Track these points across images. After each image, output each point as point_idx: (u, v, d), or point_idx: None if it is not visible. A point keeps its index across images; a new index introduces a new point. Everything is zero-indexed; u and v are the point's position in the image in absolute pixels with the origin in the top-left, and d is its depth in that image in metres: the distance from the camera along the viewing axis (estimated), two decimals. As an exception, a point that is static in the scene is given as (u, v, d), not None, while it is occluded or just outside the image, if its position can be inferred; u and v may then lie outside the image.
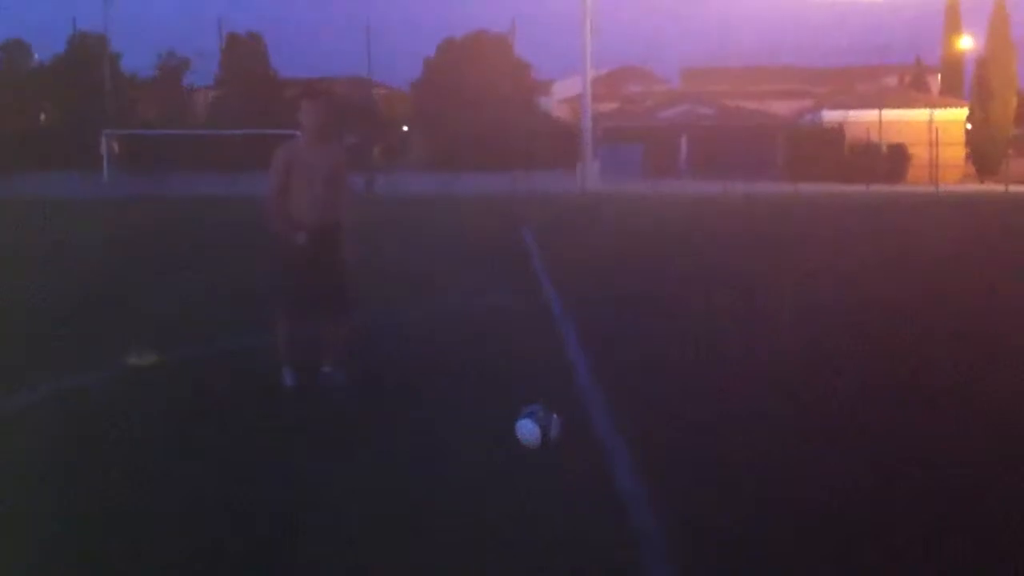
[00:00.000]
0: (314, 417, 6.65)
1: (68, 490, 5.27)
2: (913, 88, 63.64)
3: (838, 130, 51.75)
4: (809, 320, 10.54)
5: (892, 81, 69.41)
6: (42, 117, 64.55)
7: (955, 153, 52.40)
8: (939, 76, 63.69)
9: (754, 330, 10.03)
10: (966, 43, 59.69)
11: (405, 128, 69.97)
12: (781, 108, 64.08)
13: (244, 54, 65.73)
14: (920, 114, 52.59)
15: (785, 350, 8.91)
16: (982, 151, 53.73)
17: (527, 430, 5.90)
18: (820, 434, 6.29)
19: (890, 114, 51.83)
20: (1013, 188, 44.76)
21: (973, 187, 47.94)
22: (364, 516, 4.89)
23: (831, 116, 53.35)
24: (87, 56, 61.41)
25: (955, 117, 53.31)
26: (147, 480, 5.44)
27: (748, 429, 6.35)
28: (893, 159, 49.77)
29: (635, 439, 6.07)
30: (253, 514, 4.92)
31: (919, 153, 50.23)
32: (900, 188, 44.98)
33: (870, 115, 51.81)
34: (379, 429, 6.37)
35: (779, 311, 11.14)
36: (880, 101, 53.78)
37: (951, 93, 58.62)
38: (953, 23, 60.31)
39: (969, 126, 53.94)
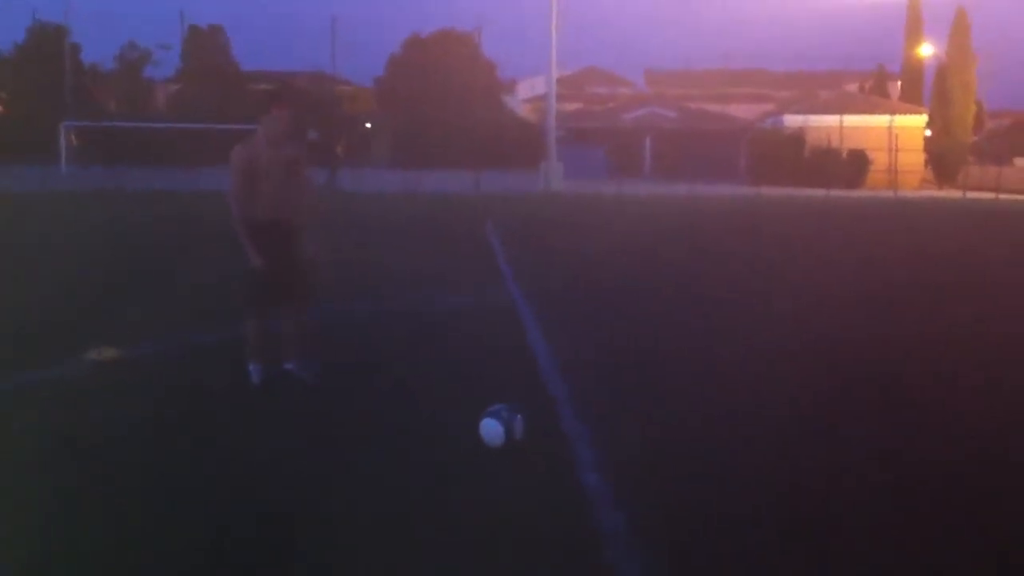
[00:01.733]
0: (274, 413, 6.59)
1: (26, 485, 5.19)
2: (874, 94, 64.20)
3: (799, 135, 52.11)
4: (766, 314, 10.63)
5: (853, 87, 70.00)
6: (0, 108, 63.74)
7: (914, 159, 52.91)
8: (899, 83, 64.32)
9: (714, 323, 10.10)
10: (927, 51, 60.32)
11: (368, 125, 69.72)
12: (743, 112, 64.53)
13: (206, 47, 65.30)
14: (880, 120, 53.05)
15: (743, 343, 8.97)
16: (941, 158, 54.34)
17: (491, 429, 5.87)
18: (782, 425, 6.32)
19: (851, 119, 52.24)
20: (971, 195, 45.30)
21: (931, 193, 48.43)
22: (328, 512, 4.84)
23: (792, 120, 53.71)
24: (47, 47, 60.72)
25: (915, 123, 53.83)
26: (104, 477, 5.36)
27: (711, 421, 6.38)
28: (853, 164, 50.17)
29: (599, 434, 6.06)
30: (219, 511, 4.86)
31: (879, 159, 50.69)
32: (859, 193, 45.36)
33: (831, 120, 52.19)
34: (342, 425, 6.32)
35: (737, 306, 11.23)
36: (841, 106, 54.20)
37: (911, 100, 59.18)
38: (914, 31, 60.91)
39: (928, 132, 54.52)
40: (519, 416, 5.93)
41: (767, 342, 9.35)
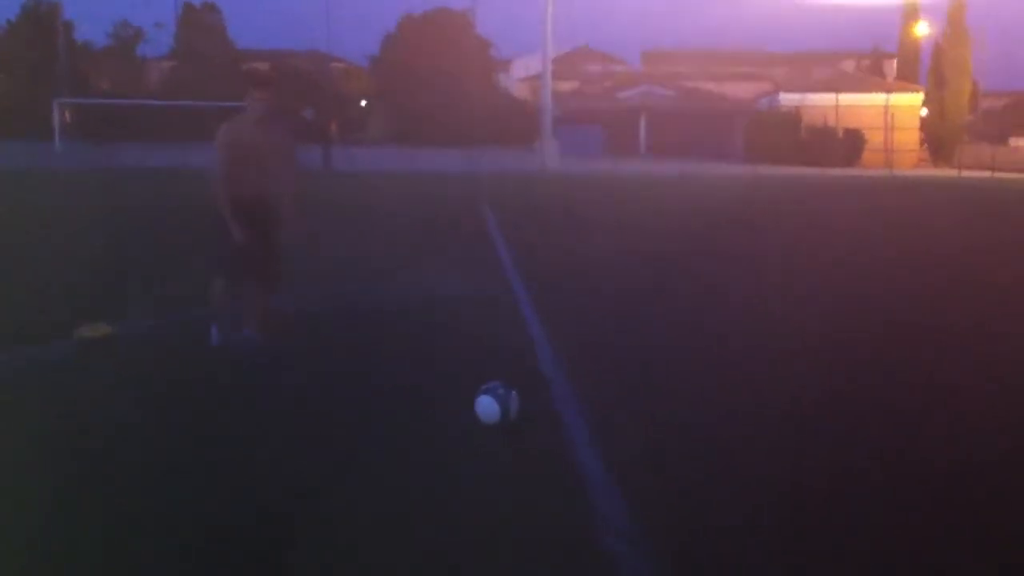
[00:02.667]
0: (265, 394, 6.57)
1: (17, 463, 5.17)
2: (870, 74, 64.10)
3: (795, 114, 52.06)
4: (768, 299, 10.60)
5: (849, 66, 69.88)
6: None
7: (910, 138, 52.94)
8: (895, 62, 64.23)
9: (716, 309, 10.07)
10: (923, 30, 60.19)
11: (363, 103, 69.51)
12: (739, 91, 64.41)
13: (200, 25, 65.03)
14: (876, 99, 53.02)
15: (742, 329, 8.94)
16: (937, 136, 54.32)
17: (486, 406, 5.85)
18: (778, 414, 6.30)
19: (846, 98, 52.19)
20: (966, 173, 45.30)
21: (927, 172, 48.41)
22: (323, 509, 4.82)
23: (788, 99, 53.63)
24: (40, 24, 60.43)
25: (911, 102, 53.80)
26: (99, 454, 5.33)
27: (709, 407, 6.36)
28: (849, 143, 50.15)
29: (595, 418, 6.04)
30: (211, 494, 4.84)
31: (875, 138, 50.68)
32: (854, 172, 45.32)
33: (827, 99, 52.13)
34: (337, 410, 6.29)
35: (736, 289, 11.21)
36: (836, 85, 54.11)
37: (907, 79, 59.13)
38: (911, 10, 60.80)
39: (924, 111, 54.48)
40: (514, 393, 5.91)
41: (773, 329, 9.30)
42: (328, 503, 4.68)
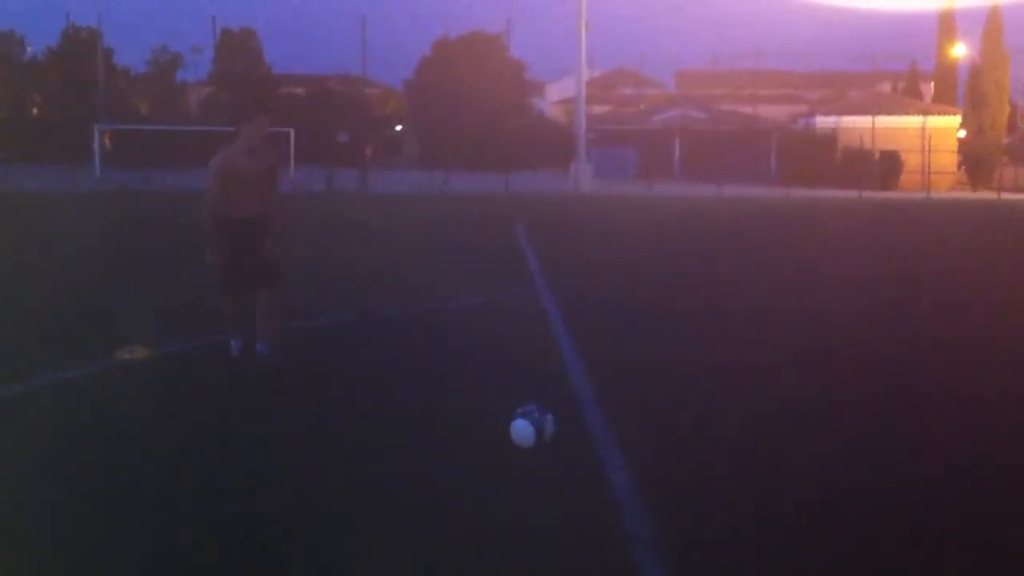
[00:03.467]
0: (303, 411, 6.60)
1: (53, 480, 5.21)
2: (907, 95, 63.69)
3: (831, 136, 51.78)
4: (804, 322, 10.52)
5: (886, 87, 69.51)
6: (34, 111, 64.39)
7: (948, 160, 52.49)
8: (932, 83, 63.79)
9: (750, 330, 10.01)
10: (960, 51, 59.78)
11: (399, 127, 69.92)
12: (774, 113, 64.14)
13: (237, 50, 65.69)
14: (913, 121, 52.61)
15: (780, 351, 8.88)
16: (975, 158, 53.82)
17: (522, 430, 5.84)
18: (818, 434, 6.24)
19: (883, 120, 51.83)
20: (1005, 196, 44.86)
21: (965, 195, 47.97)
22: (354, 512, 4.83)
23: (824, 122, 53.36)
24: (80, 49, 61.29)
25: (948, 124, 53.36)
26: (132, 473, 5.37)
27: (742, 430, 6.32)
28: (886, 166, 49.79)
29: (629, 439, 6.02)
30: (244, 512, 4.85)
31: (912, 160, 50.30)
32: (891, 195, 44.98)
33: (863, 121, 51.79)
34: (372, 425, 6.31)
35: (773, 312, 11.15)
36: (873, 107, 53.78)
37: (945, 100, 58.67)
38: (947, 31, 60.39)
39: (962, 133, 54.02)
40: (549, 416, 5.91)
41: (801, 344, 9.27)
42: (360, 516, 4.69)
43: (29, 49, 66.11)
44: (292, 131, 48.53)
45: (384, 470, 5.44)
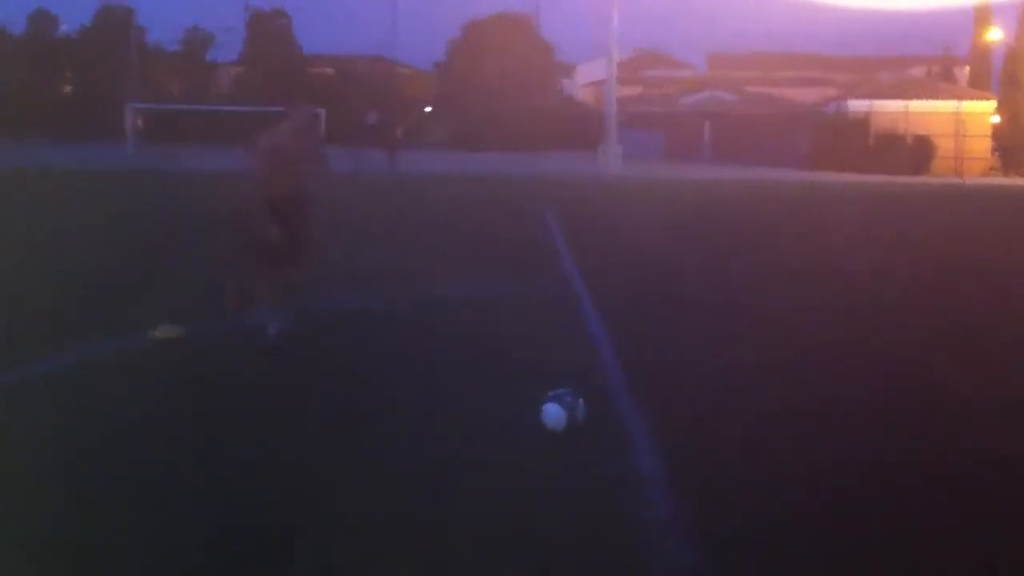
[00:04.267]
0: (329, 394, 6.67)
1: (79, 455, 5.31)
2: (941, 79, 62.99)
3: (863, 120, 51.32)
4: (832, 315, 10.49)
5: (919, 72, 68.76)
6: (67, 88, 64.81)
7: (982, 146, 51.93)
8: (967, 68, 63.10)
9: (780, 321, 10.00)
10: (995, 35, 59.06)
11: (428, 109, 69.85)
12: (804, 95, 63.59)
13: (268, 30, 65.80)
14: (947, 105, 52.04)
15: (807, 343, 8.87)
16: (1009, 144, 53.22)
17: (553, 413, 5.90)
18: (843, 429, 6.26)
19: (916, 105, 51.30)
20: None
21: (997, 180, 47.48)
22: (380, 496, 4.89)
23: (857, 106, 52.86)
24: (113, 29, 61.56)
25: (982, 109, 52.77)
26: (160, 452, 5.46)
27: (768, 419, 6.35)
28: (918, 151, 49.31)
29: (657, 425, 6.07)
30: (266, 495, 4.93)
31: (945, 145, 49.80)
32: (924, 179, 44.56)
33: (895, 105, 51.28)
34: (401, 410, 6.36)
35: (799, 304, 11.11)
36: (906, 91, 53.22)
37: (980, 86, 58.00)
38: (983, 15, 59.68)
39: (996, 118, 53.41)
40: (581, 400, 5.96)
41: (834, 336, 9.23)
42: (384, 503, 4.75)
43: (63, 27, 66.53)
44: (323, 112, 48.54)
45: (409, 452, 5.51)
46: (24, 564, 4.12)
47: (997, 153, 54.46)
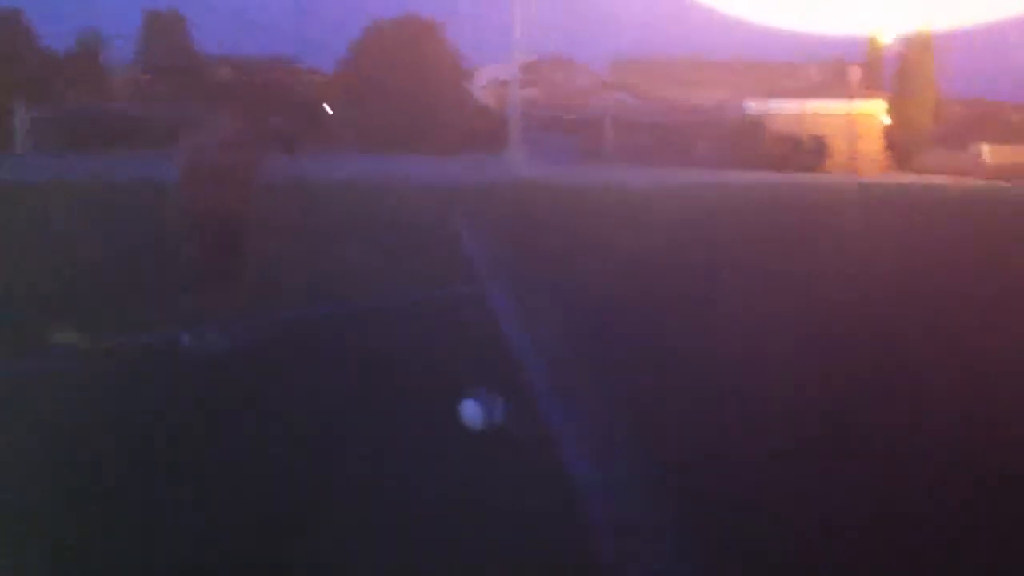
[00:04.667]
0: (257, 401, 6.59)
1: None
2: (834, 81, 64.49)
3: (760, 121, 52.38)
4: (746, 312, 10.68)
5: (816, 74, 70.18)
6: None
7: (874, 146, 53.36)
8: (859, 70, 64.70)
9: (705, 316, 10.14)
10: (887, 37, 60.69)
11: (330, 111, 69.17)
12: (706, 99, 64.56)
13: (165, 32, 64.55)
14: (841, 106, 53.39)
15: (727, 334, 9.02)
16: (900, 143, 54.81)
17: (471, 411, 5.91)
18: (764, 418, 6.37)
19: (810, 106, 52.54)
20: (931, 179, 45.78)
21: (891, 178, 48.82)
22: (305, 501, 4.84)
23: (753, 107, 53.95)
24: (1, 30, 59.66)
25: (875, 109, 54.24)
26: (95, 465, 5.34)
27: (697, 409, 6.43)
28: (813, 150, 50.57)
29: (581, 425, 6.11)
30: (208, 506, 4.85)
31: (838, 145, 51.08)
32: (819, 178, 45.58)
33: (791, 106, 52.47)
34: (322, 415, 6.31)
35: (708, 293, 11.29)
36: (801, 92, 54.50)
37: (872, 87, 59.58)
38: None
39: (888, 120, 54.95)
40: (499, 399, 5.98)
41: (757, 333, 9.38)
42: (321, 507, 4.70)
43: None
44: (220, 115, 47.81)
45: (338, 460, 5.47)
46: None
47: (890, 152, 56.02)
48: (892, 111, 54.72)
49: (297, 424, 6.00)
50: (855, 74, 66.00)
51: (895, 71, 56.26)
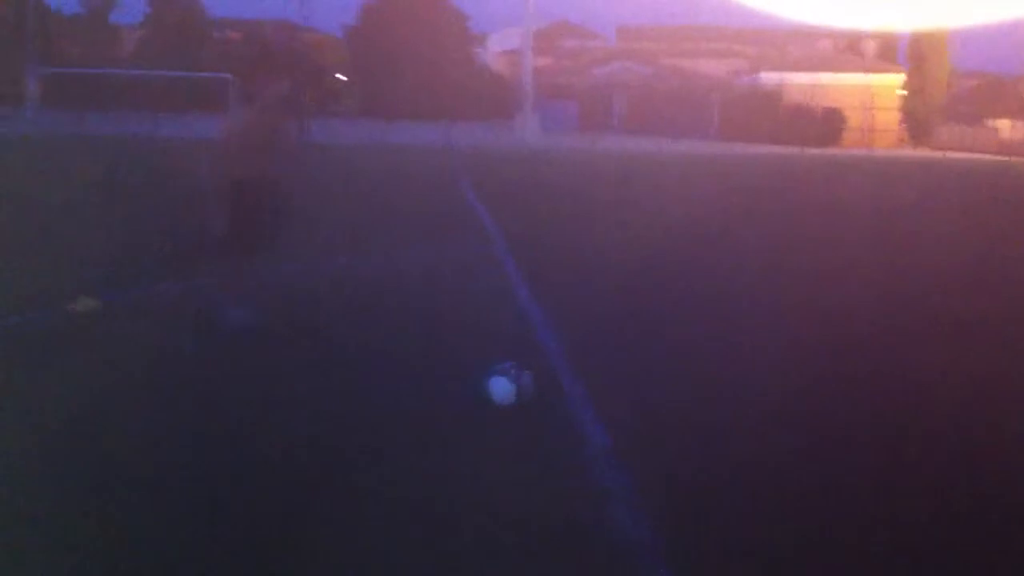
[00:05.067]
0: (255, 362, 6.34)
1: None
2: (848, 53, 64.06)
3: (775, 93, 51.94)
4: (746, 274, 10.47)
5: (826, 45, 69.77)
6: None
7: (890, 118, 52.99)
8: (873, 43, 64.26)
9: (708, 281, 9.93)
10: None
11: (342, 77, 68.87)
12: (714, 68, 64.16)
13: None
14: (856, 79, 52.95)
15: (725, 302, 8.81)
16: (916, 117, 54.40)
17: (500, 387, 5.63)
18: (765, 385, 6.15)
19: (826, 78, 52.09)
20: (950, 154, 45.49)
21: (906, 152, 48.51)
22: (318, 475, 4.60)
23: (768, 78, 53.49)
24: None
25: (891, 83, 53.80)
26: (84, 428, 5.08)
27: (705, 380, 6.21)
28: (828, 123, 50.12)
29: (599, 392, 5.89)
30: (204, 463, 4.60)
31: (853, 117, 50.69)
32: (834, 151, 45.30)
33: (806, 78, 52.02)
34: (334, 381, 6.06)
35: (717, 264, 11.09)
36: (816, 64, 54.04)
37: (885, 59, 59.14)
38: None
39: (904, 92, 54.53)
40: (527, 373, 5.71)
41: (766, 305, 9.21)
42: (330, 488, 4.46)
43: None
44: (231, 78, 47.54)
45: (352, 430, 5.22)
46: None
47: (904, 126, 55.66)
48: (907, 84, 54.28)
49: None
50: (869, 47, 65.56)
51: (910, 44, 55.70)
